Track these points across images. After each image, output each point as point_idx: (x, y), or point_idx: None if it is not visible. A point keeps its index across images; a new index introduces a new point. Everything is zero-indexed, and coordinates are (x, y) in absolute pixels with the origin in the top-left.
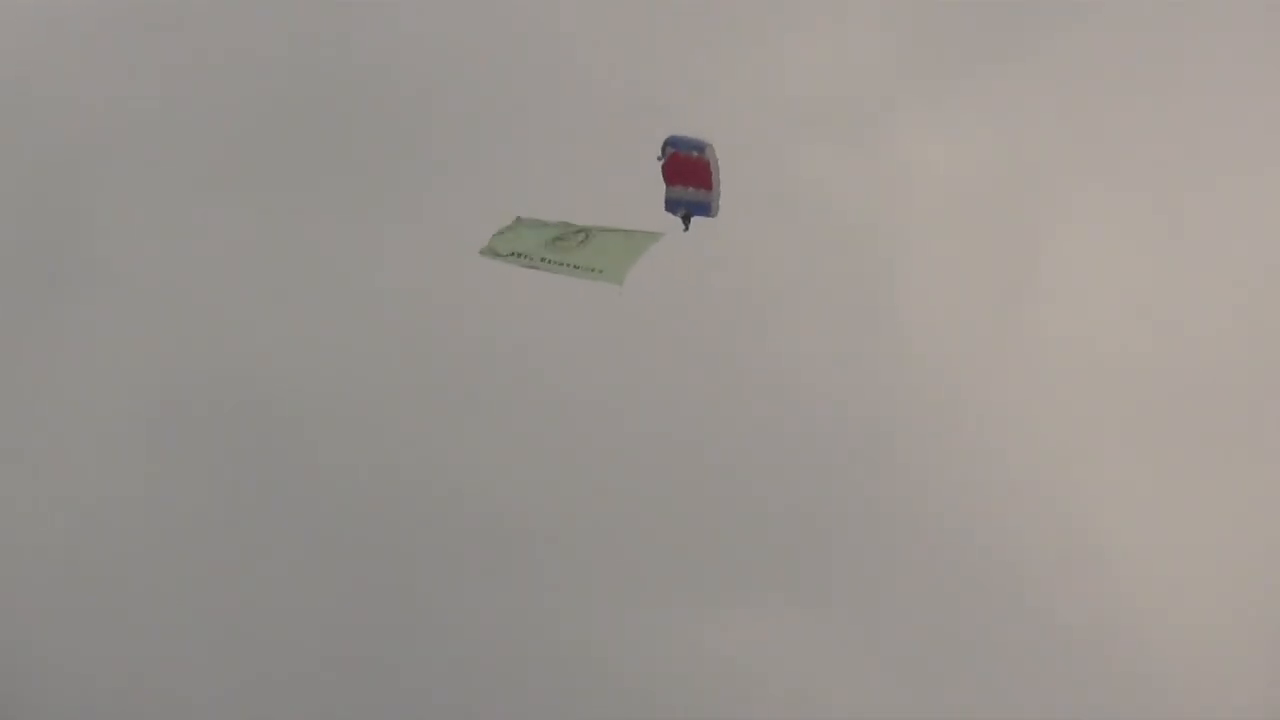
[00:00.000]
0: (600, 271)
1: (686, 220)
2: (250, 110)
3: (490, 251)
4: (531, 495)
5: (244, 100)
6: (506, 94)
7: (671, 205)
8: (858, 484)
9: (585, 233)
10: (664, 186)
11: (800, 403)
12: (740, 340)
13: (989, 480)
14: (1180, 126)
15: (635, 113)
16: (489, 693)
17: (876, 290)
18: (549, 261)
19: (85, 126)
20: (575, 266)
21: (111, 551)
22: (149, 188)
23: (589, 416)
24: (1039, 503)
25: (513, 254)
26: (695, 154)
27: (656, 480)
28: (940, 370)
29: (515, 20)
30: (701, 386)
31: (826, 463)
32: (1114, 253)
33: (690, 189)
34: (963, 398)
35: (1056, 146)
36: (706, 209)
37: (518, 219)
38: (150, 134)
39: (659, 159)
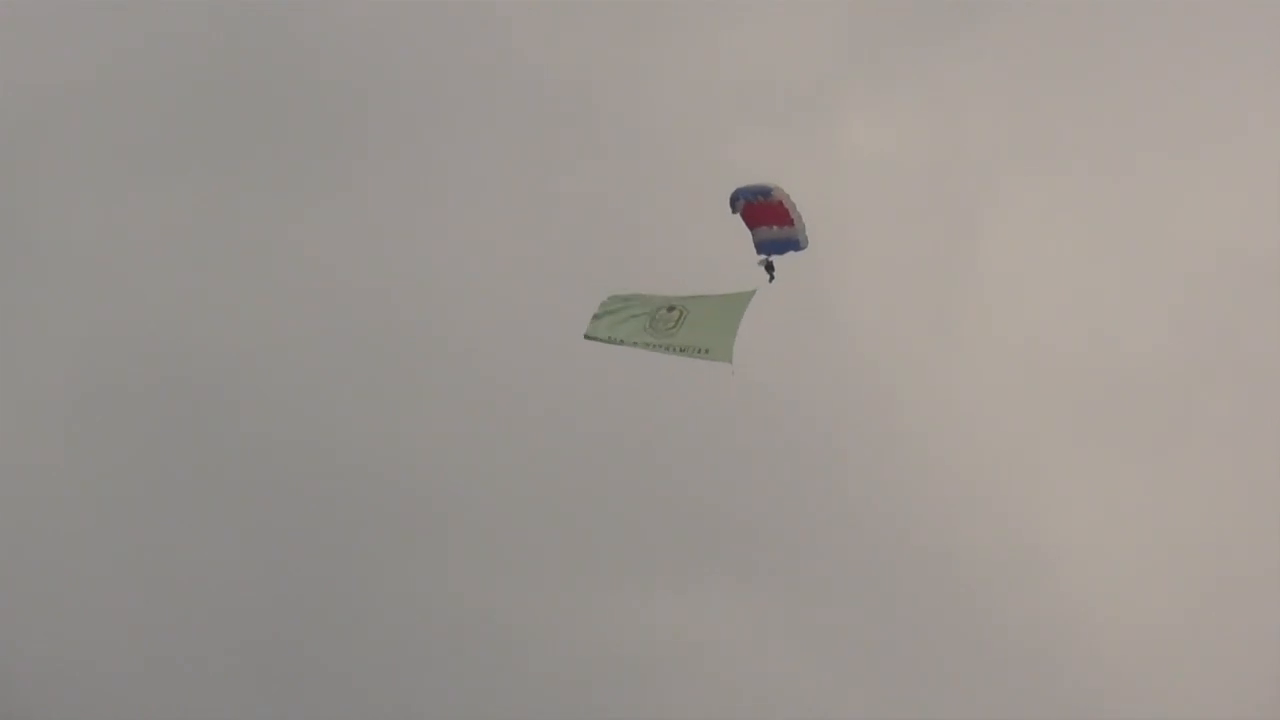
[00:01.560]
0: (707, 351)
1: (770, 270)
2: (185, 92)
3: (594, 336)
4: (472, 476)
5: (178, 82)
6: (440, 76)
7: (763, 247)
8: (798, 475)
9: (677, 308)
10: (750, 232)
11: (739, 393)
12: None
13: (929, 469)
14: (1123, 117)
15: (573, 96)
16: (430, 672)
17: (816, 279)
18: (653, 345)
19: (19, 108)
20: (681, 349)
21: (42, 528)
22: (84, 168)
23: (532, 399)
24: (979, 495)
25: (617, 340)
26: (762, 199)
27: (599, 465)
28: (880, 361)
29: (451, 3)
30: (641, 375)
31: (767, 454)
32: (1054, 243)
33: (775, 227)
34: (903, 388)
35: (998, 135)
36: (796, 244)
37: (610, 297)
38: (86, 115)
39: (734, 212)
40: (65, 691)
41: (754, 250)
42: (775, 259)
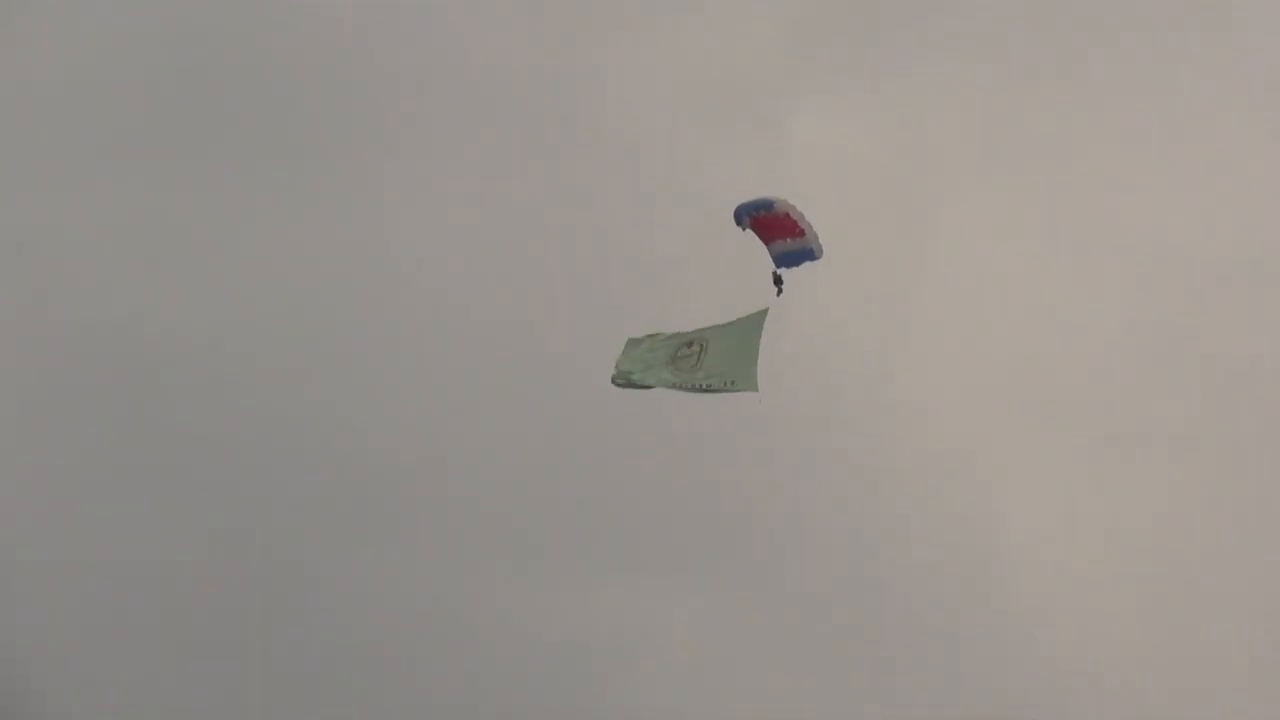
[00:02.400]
0: (733, 382)
1: (779, 284)
2: (155, 86)
3: (624, 380)
4: (441, 469)
5: (148, 76)
6: (388, 71)
7: (780, 260)
8: (749, 470)
9: (696, 343)
10: (764, 246)
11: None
12: (636, 325)
13: (884, 469)
14: (1080, 117)
15: (527, 96)
16: (395, 664)
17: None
18: (680, 386)
19: None
20: (707, 386)
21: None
22: (46, 163)
23: (499, 394)
24: (935, 495)
25: (644, 385)
26: (764, 212)
27: (569, 462)
28: (835, 360)
29: (408, 5)
30: (592, 370)
31: (719, 447)
32: (1010, 244)
33: (788, 239)
34: (858, 388)
35: (953, 135)
36: (810, 253)
37: (628, 340)
38: (39, 106)
39: (742, 229)
40: (29, 682)
41: (766, 263)
42: (788, 271)
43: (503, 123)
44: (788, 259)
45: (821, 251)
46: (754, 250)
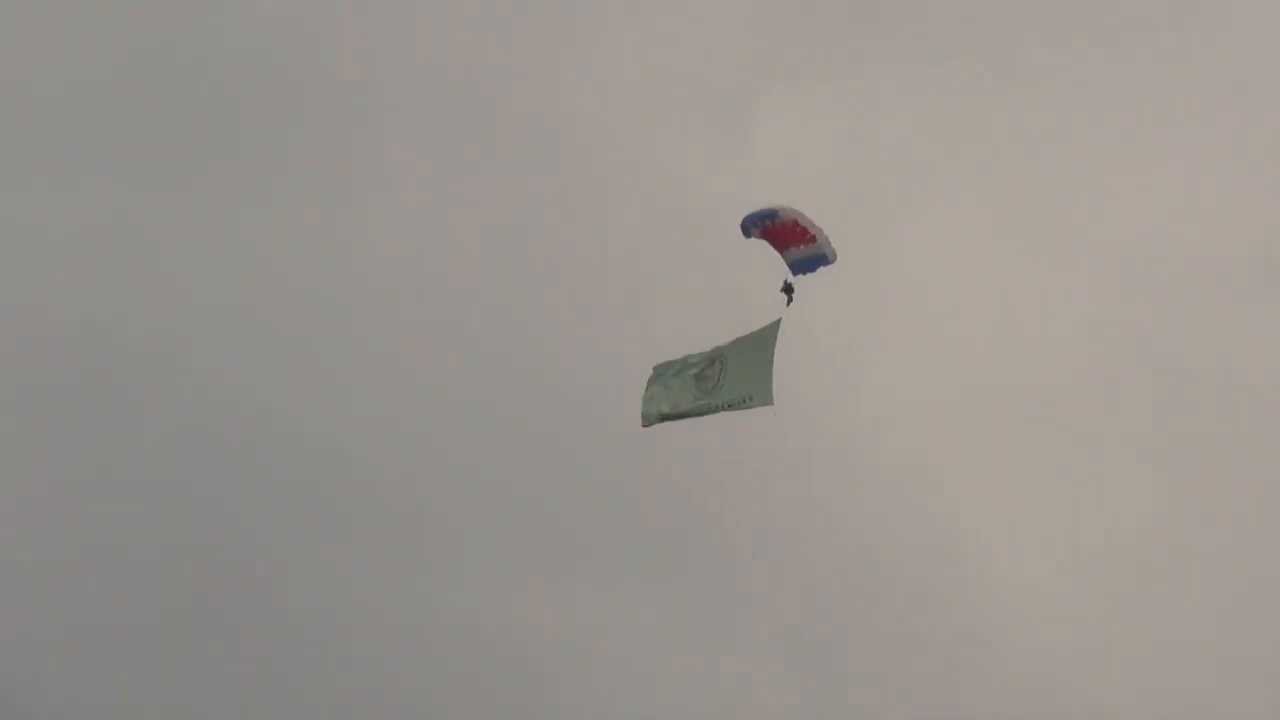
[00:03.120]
0: (751, 399)
1: (789, 293)
2: (106, 85)
3: (655, 417)
4: (395, 465)
5: (100, 75)
6: (351, 72)
7: (796, 267)
8: (712, 472)
9: (717, 360)
10: (778, 255)
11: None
12: (596, 326)
13: (844, 473)
14: (1039, 121)
15: (489, 96)
16: (334, 658)
17: (731, 280)
18: (707, 409)
19: None
20: (728, 405)
21: None
22: None
23: (447, 386)
24: (894, 498)
25: (677, 415)
26: (770, 222)
27: (524, 458)
28: (795, 362)
29: (367, 2)
30: (564, 369)
31: (682, 452)
32: (970, 247)
33: (801, 246)
34: (819, 390)
35: (915, 137)
36: (824, 258)
37: (654, 368)
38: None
39: (749, 238)
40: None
41: (784, 272)
42: (804, 277)
43: (465, 125)
44: (804, 265)
45: (835, 255)
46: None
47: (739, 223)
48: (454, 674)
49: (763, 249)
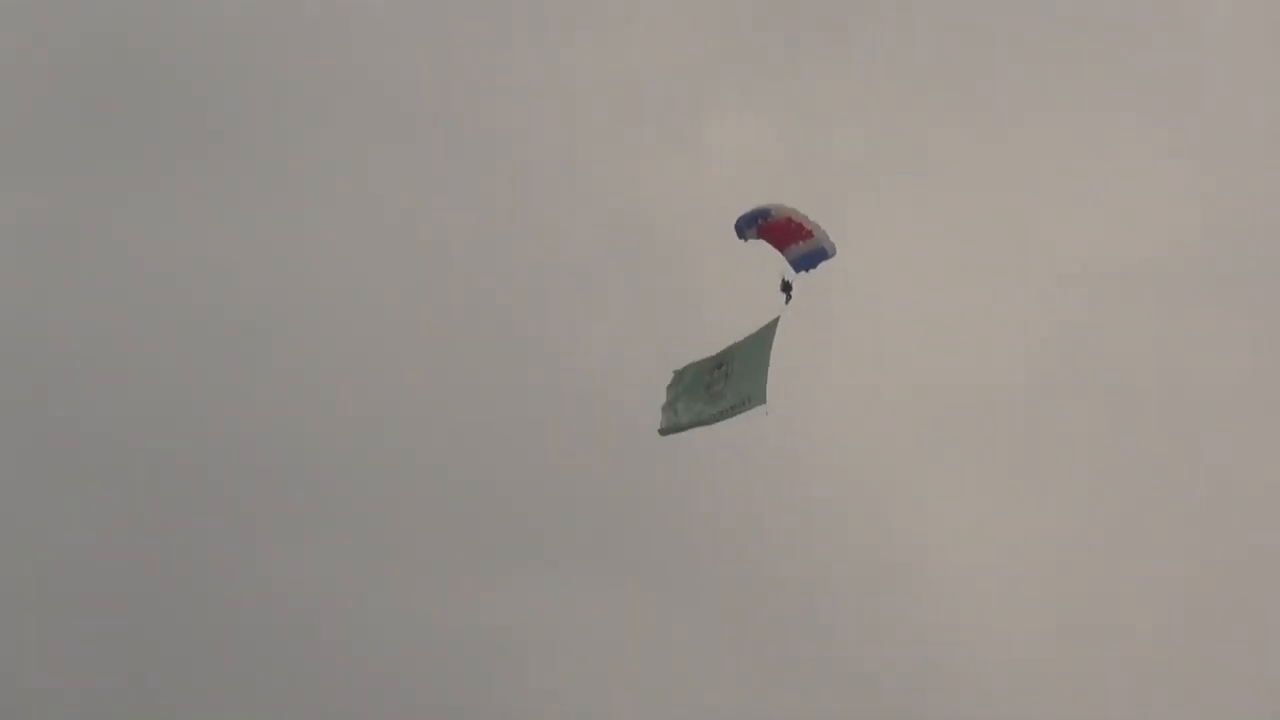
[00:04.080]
0: (749, 399)
1: (788, 291)
2: (16, 84)
3: (675, 428)
4: (308, 466)
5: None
6: (300, 79)
7: (799, 264)
8: (662, 474)
9: (723, 364)
10: (778, 254)
11: (594, 393)
12: (549, 327)
13: (786, 481)
14: (987, 128)
15: (440, 96)
16: (272, 654)
17: (681, 280)
18: (715, 417)
19: None
20: (732, 410)
21: None
22: None
23: (392, 383)
24: (839, 507)
25: (691, 425)
26: (764, 221)
27: (437, 458)
28: None
29: (308, 7)
30: (478, 366)
31: (629, 456)
32: (917, 252)
33: (800, 243)
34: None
35: (863, 141)
36: (824, 252)
37: (674, 372)
38: None
39: (744, 239)
40: None
41: (780, 272)
42: (808, 275)
43: (420, 129)
44: (806, 262)
45: (835, 249)
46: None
47: (734, 225)
48: (406, 670)
49: (762, 250)
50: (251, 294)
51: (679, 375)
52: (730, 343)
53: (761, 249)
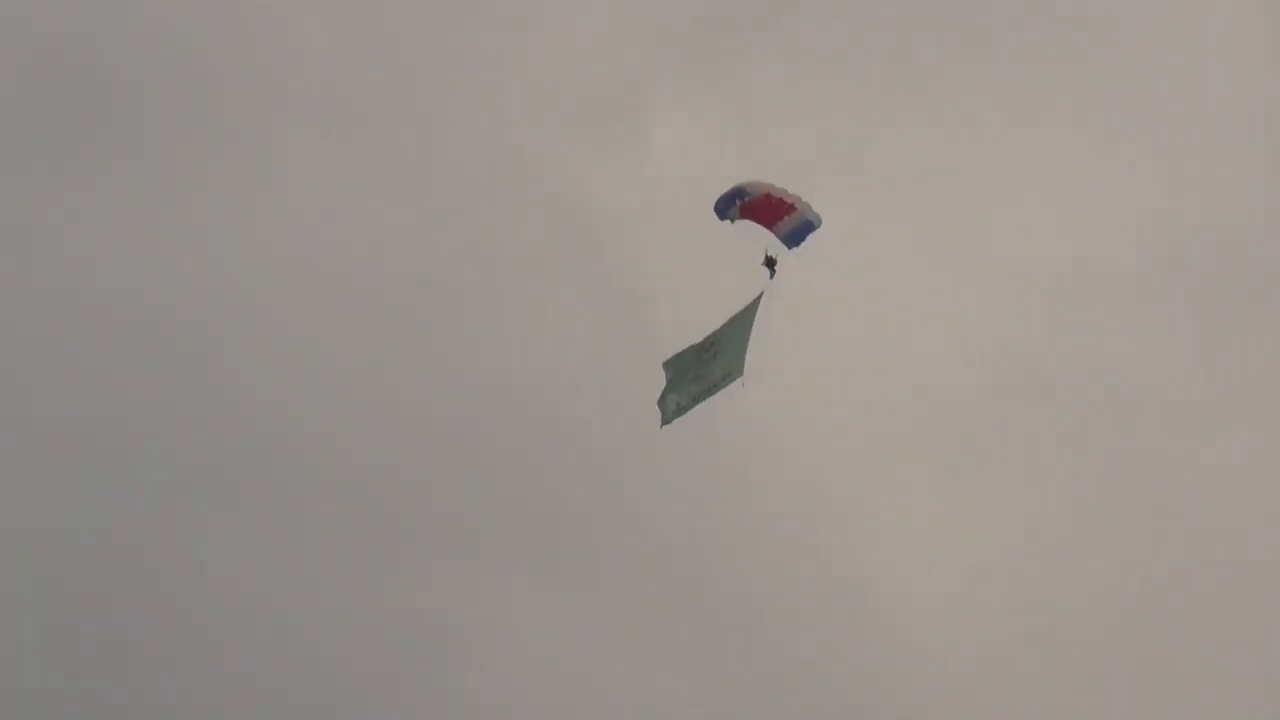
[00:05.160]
0: (729, 374)
1: (771, 267)
2: None
3: (677, 412)
4: (255, 452)
5: None
6: (237, 75)
7: (791, 240)
8: (608, 477)
9: (712, 345)
10: (768, 234)
11: (546, 395)
12: (489, 325)
13: (738, 488)
14: (934, 131)
15: (380, 93)
16: (211, 644)
17: (623, 280)
18: (706, 395)
19: None
20: (716, 385)
21: None
22: None
23: (320, 383)
24: (790, 515)
25: (688, 408)
26: (743, 200)
27: (398, 453)
28: None
29: (249, 5)
30: (442, 364)
31: (572, 456)
32: (860, 255)
33: (786, 219)
34: (721, 401)
35: (807, 142)
36: (810, 225)
37: (663, 365)
38: None
39: (730, 222)
40: None
41: (762, 250)
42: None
43: (360, 126)
44: (795, 238)
45: (820, 219)
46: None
47: (713, 209)
48: (348, 664)
49: (748, 231)
50: (192, 291)
51: (668, 366)
52: (713, 331)
53: (743, 229)
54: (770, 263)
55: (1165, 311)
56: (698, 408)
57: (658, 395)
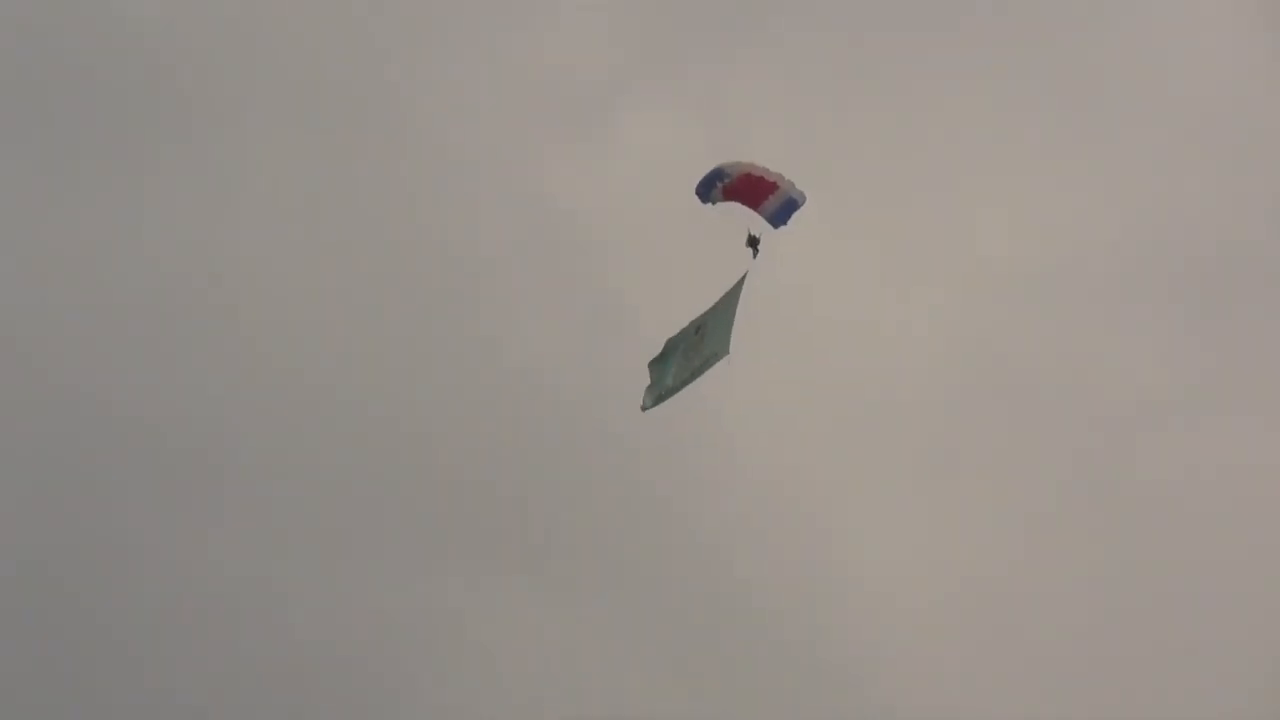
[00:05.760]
0: (715, 354)
1: (754, 246)
2: None
3: (666, 392)
4: (222, 453)
5: None
6: (201, 73)
7: (776, 220)
8: (573, 478)
9: (700, 327)
10: (754, 215)
11: (526, 393)
12: (457, 325)
13: (704, 493)
14: (897, 133)
15: (355, 91)
16: (181, 640)
17: (601, 279)
18: (693, 376)
19: None
20: (703, 365)
21: None
22: None
23: (285, 383)
24: (757, 518)
25: (677, 389)
26: (724, 182)
27: (387, 453)
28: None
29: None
30: (429, 363)
31: (547, 455)
32: (828, 256)
33: (770, 198)
34: (696, 402)
35: (776, 143)
36: (794, 203)
37: (667, 341)
38: None
39: (711, 203)
40: None
41: (744, 231)
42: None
43: (327, 124)
44: (780, 217)
45: (804, 196)
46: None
47: (694, 192)
48: (328, 658)
49: (726, 216)
50: (170, 288)
51: (655, 364)
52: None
53: (726, 211)
54: (753, 242)
55: (1138, 313)
56: (677, 398)
57: (631, 393)
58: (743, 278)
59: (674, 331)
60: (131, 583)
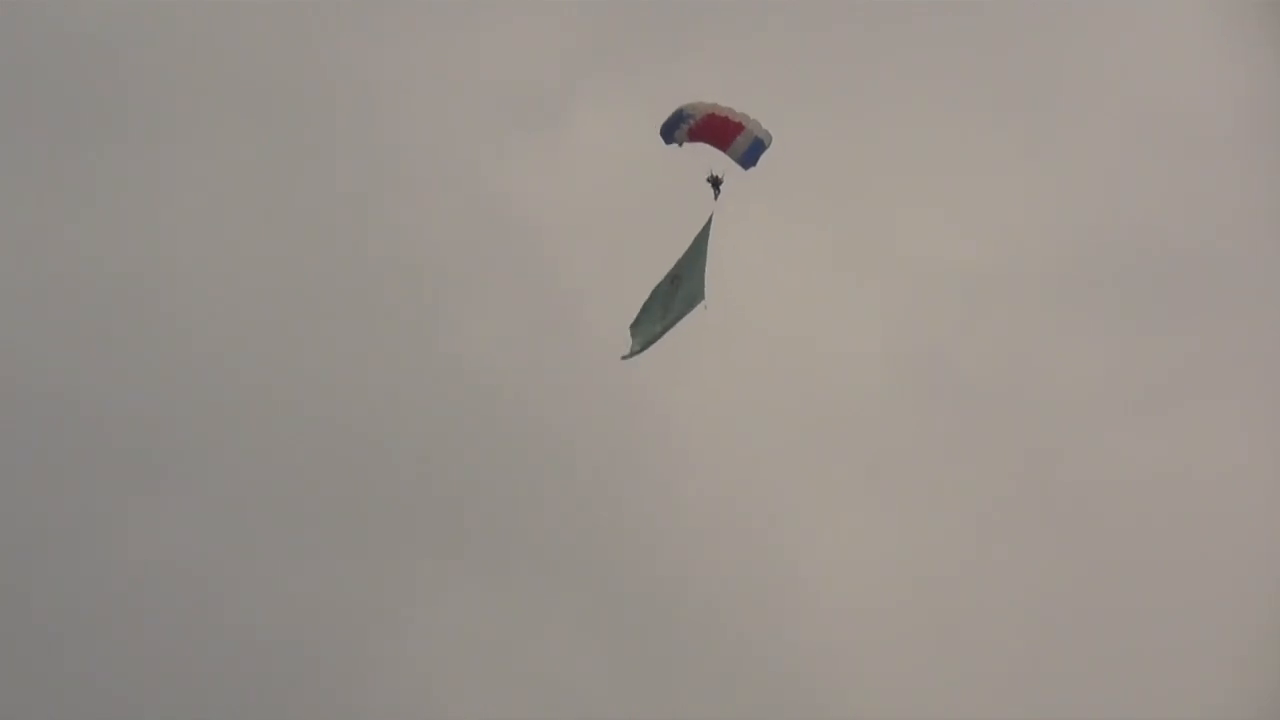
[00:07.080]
0: (692, 299)
1: (716, 187)
2: None
3: (651, 338)
4: (171, 439)
5: None
6: (157, 70)
7: (745, 162)
8: (531, 479)
9: (676, 277)
10: (723, 155)
11: (478, 392)
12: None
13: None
14: (841, 131)
15: (310, 94)
16: (116, 625)
17: (555, 280)
18: (667, 327)
19: None
20: (679, 316)
21: None
22: None
23: (238, 381)
24: (714, 513)
25: (652, 340)
26: (689, 123)
27: (308, 446)
28: (604, 376)
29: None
30: (387, 358)
31: (506, 454)
32: (781, 257)
33: (737, 138)
34: (620, 404)
35: None
36: (761, 144)
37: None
38: None
39: (678, 145)
40: None
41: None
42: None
43: (280, 123)
44: (749, 157)
45: (770, 137)
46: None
47: (659, 134)
48: (256, 655)
49: (700, 154)
50: (114, 285)
51: (635, 325)
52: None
53: (694, 151)
54: (715, 182)
55: (1081, 314)
56: (623, 407)
57: (586, 390)
58: (709, 221)
59: (626, 336)
60: (69, 569)
